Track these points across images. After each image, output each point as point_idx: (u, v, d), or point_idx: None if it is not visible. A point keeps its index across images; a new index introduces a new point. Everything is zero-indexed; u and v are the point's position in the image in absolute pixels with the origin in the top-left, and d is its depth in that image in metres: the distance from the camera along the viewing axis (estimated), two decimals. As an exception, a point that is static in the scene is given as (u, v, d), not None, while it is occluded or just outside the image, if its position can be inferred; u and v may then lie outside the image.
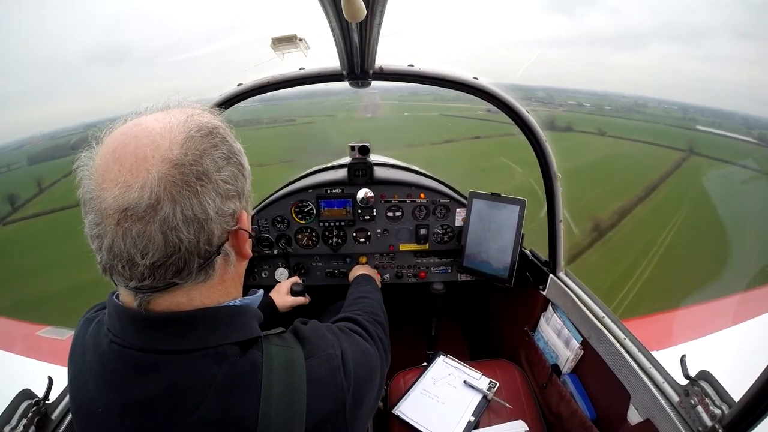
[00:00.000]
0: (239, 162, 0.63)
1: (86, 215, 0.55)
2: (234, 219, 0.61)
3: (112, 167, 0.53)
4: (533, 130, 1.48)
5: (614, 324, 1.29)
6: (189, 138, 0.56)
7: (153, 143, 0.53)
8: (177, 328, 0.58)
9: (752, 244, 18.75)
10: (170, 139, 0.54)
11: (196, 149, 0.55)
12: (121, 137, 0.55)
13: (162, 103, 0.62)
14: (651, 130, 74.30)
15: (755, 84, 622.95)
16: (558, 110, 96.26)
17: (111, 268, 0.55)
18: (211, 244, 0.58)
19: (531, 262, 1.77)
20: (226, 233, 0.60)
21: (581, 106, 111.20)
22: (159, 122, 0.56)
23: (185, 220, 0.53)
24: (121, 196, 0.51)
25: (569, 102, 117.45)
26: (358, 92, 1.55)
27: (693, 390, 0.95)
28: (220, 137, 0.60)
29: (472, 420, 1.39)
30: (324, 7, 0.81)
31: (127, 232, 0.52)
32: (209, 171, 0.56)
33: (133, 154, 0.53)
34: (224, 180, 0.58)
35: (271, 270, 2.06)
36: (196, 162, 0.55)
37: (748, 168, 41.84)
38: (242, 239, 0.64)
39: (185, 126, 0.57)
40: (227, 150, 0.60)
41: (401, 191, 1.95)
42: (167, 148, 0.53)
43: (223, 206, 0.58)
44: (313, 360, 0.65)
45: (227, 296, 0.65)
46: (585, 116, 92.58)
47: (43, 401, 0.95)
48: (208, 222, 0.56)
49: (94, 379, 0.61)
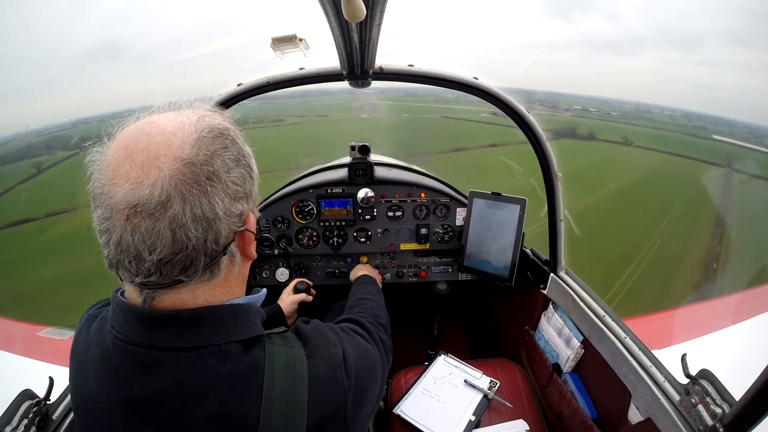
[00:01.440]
0: (248, 164, 0.64)
1: (95, 209, 0.56)
2: (241, 220, 0.62)
3: (123, 163, 0.53)
4: (533, 130, 1.48)
5: (615, 323, 1.29)
6: (200, 138, 0.56)
7: (165, 141, 0.54)
8: (181, 326, 0.59)
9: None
10: (182, 138, 0.55)
11: (207, 150, 0.56)
12: (134, 134, 0.56)
13: (173, 102, 0.63)
14: (668, 138, 71.07)
15: (755, 92, 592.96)
16: (565, 115, 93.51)
17: (118, 263, 0.56)
18: (218, 243, 0.59)
19: (532, 261, 1.77)
20: (233, 234, 0.61)
21: (587, 111, 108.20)
22: (171, 121, 0.57)
23: (194, 218, 0.54)
24: (131, 192, 0.51)
25: (574, 107, 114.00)
26: (354, 92, 1.55)
27: (694, 389, 0.95)
28: (231, 139, 0.61)
29: (472, 419, 1.39)
30: (324, 7, 0.81)
31: (136, 228, 0.52)
32: (219, 172, 0.57)
33: (145, 151, 0.53)
34: (233, 181, 0.59)
35: (272, 270, 2.06)
36: (207, 162, 0.56)
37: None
38: (248, 240, 0.65)
39: (197, 126, 0.58)
40: (237, 152, 0.61)
41: (402, 191, 1.95)
42: (179, 147, 0.54)
43: (231, 207, 0.59)
44: (315, 359, 0.66)
45: (231, 295, 0.66)
46: (599, 123, 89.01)
47: (44, 401, 0.95)
48: (217, 222, 0.57)
49: (97, 375, 0.61)
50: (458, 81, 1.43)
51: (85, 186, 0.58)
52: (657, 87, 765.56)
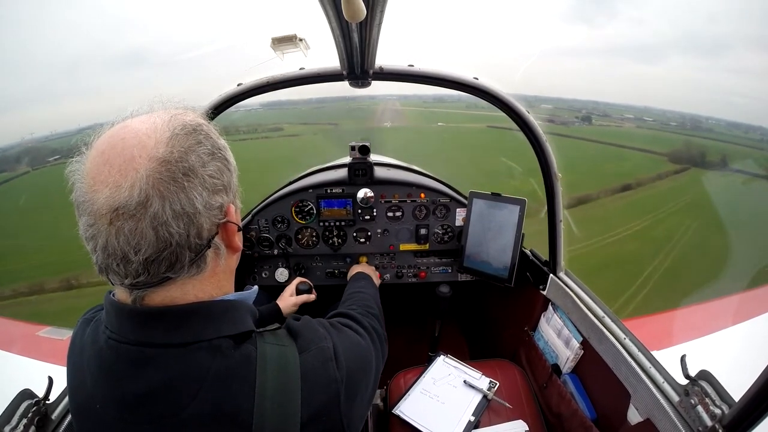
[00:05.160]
0: (224, 157, 0.65)
1: (80, 218, 0.57)
2: (222, 212, 0.63)
3: (102, 169, 0.55)
4: (533, 130, 1.48)
5: (614, 324, 1.29)
6: (174, 136, 0.58)
7: (139, 143, 0.55)
8: (172, 322, 0.60)
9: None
10: (156, 138, 0.56)
11: (181, 146, 0.57)
12: (109, 140, 0.57)
13: (146, 106, 0.64)
14: (750, 155, 60.00)
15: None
16: (625, 126, 79.85)
17: (107, 267, 0.57)
18: (201, 237, 0.60)
19: (531, 262, 1.77)
20: (216, 226, 0.62)
21: (642, 120, 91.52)
22: (144, 123, 0.59)
23: (174, 215, 0.55)
24: (112, 196, 0.53)
25: (626, 115, 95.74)
26: (375, 97, 1.54)
27: (693, 390, 0.95)
28: (204, 134, 0.62)
29: (472, 420, 1.39)
30: (324, 7, 0.81)
31: (120, 230, 0.53)
32: (195, 167, 0.58)
33: (121, 154, 0.55)
34: (210, 175, 0.60)
35: (272, 270, 2.06)
36: (182, 159, 0.57)
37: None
38: (231, 232, 0.66)
39: (169, 125, 0.59)
40: (211, 146, 0.62)
41: (401, 191, 1.95)
42: (153, 147, 0.55)
43: (210, 200, 0.60)
44: (306, 354, 0.67)
45: (220, 290, 0.67)
46: (690, 139, 70.95)
47: (44, 401, 0.95)
48: (197, 216, 0.58)
49: (92, 375, 0.62)
50: (458, 81, 1.43)
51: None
52: (694, 96, 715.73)
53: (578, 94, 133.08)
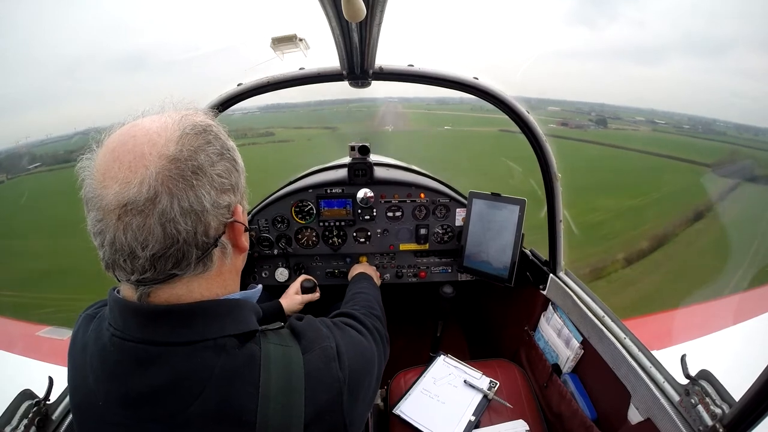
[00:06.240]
0: (232, 158, 0.66)
1: (89, 213, 0.58)
2: (229, 211, 0.64)
3: (112, 166, 0.55)
4: (533, 130, 1.48)
5: (614, 323, 1.30)
6: (184, 135, 0.58)
7: (150, 141, 0.56)
8: (177, 320, 0.60)
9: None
10: (166, 136, 0.57)
11: (190, 145, 0.58)
12: (120, 138, 0.58)
13: (158, 106, 0.65)
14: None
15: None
16: (641, 129, 73.67)
17: (113, 263, 0.57)
18: (208, 235, 0.60)
19: (531, 261, 1.77)
20: (223, 225, 0.63)
21: (655, 123, 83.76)
22: (155, 122, 0.59)
23: (182, 212, 0.56)
24: (121, 192, 0.53)
25: (638, 118, 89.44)
26: (376, 100, 1.54)
27: (693, 389, 0.95)
28: (213, 134, 0.63)
29: (472, 419, 1.39)
30: (324, 7, 0.82)
31: (128, 226, 0.54)
32: (204, 165, 0.59)
33: (131, 151, 0.55)
34: (218, 174, 0.61)
35: (272, 270, 2.06)
36: (191, 157, 0.57)
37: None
38: (238, 232, 0.66)
39: (180, 124, 0.60)
40: (220, 146, 0.63)
41: (401, 191, 1.95)
42: (163, 145, 0.56)
43: (218, 199, 0.60)
44: (310, 354, 0.67)
45: (225, 289, 0.67)
46: (707, 143, 64.11)
47: (44, 401, 0.95)
48: (205, 214, 0.58)
49: (95, 372, 0.62)
50: (458, 81, 1.43)
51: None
52: (701, 97, 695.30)
53: (582, 97, 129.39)
